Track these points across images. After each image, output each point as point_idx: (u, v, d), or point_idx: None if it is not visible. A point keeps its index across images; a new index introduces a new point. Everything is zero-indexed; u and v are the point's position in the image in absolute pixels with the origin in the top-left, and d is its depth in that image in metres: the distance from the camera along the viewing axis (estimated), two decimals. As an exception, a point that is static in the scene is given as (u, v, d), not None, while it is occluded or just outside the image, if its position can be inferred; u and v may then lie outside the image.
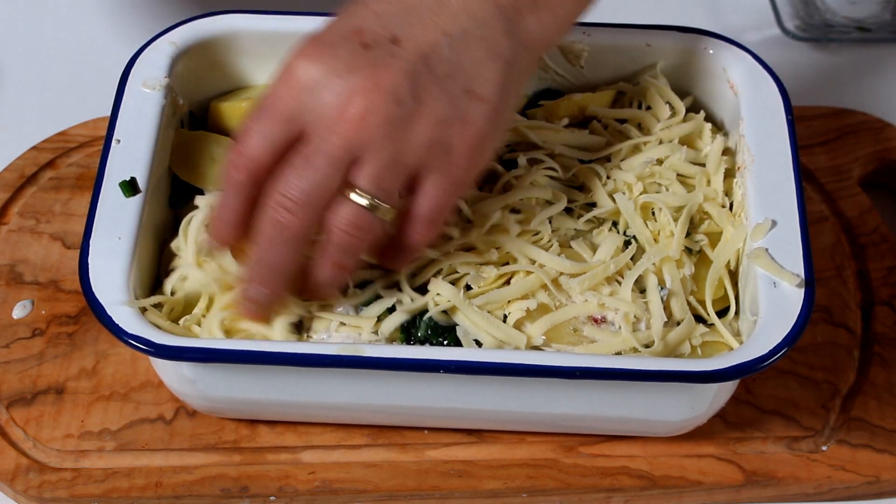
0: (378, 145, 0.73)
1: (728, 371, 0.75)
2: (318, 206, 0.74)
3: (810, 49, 1.15)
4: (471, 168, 0.76)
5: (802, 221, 0.81)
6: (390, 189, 0.74)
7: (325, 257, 0.76)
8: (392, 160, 0.73)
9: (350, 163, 0.73)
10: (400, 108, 0.72)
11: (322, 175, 0.73)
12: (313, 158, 0.73)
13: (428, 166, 0.75)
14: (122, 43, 0.99)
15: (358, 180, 0.74)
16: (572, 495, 0.85)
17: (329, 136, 0.73)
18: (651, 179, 0.87)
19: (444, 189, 0.75)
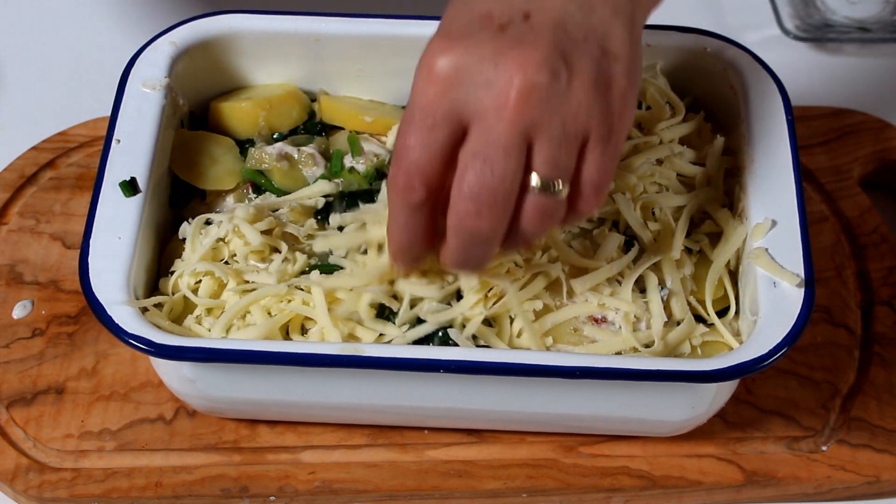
0: (547, 122, 0.69)
1: (728, 371, 0.75)
2: (506, 202, 0.71)
3: (810, 49, 1.15)
4: (625, 126, 0.74)
5: (802, 221, 0.81)
6: (567, 166, 0.71)
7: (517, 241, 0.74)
8: (563, 135, 0.70)
9: (526, 145, 0.70)
10: (557, 80, 0.69)
11: (502, 168, 0.70)
12: (490, 153, 0.70)
13: (591, 132, 0.72)
14: (122, 43, 0.99)
15: (537, 167, 0.71)
16: (572, 495, 0.85)
17: (498, 126, 0.69)
18: (651, 179, 0.87)
19: (608, 153, 0.73)
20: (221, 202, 0.89)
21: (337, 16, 0.92)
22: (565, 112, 0.70)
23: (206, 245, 0.83)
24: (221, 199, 0.89)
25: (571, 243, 0.83)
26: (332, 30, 0.92)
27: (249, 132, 0.92)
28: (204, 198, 0.89)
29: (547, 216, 0.72)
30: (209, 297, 0.81)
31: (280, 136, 0.92)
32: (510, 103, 0.69)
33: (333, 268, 0.83)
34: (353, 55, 0.92)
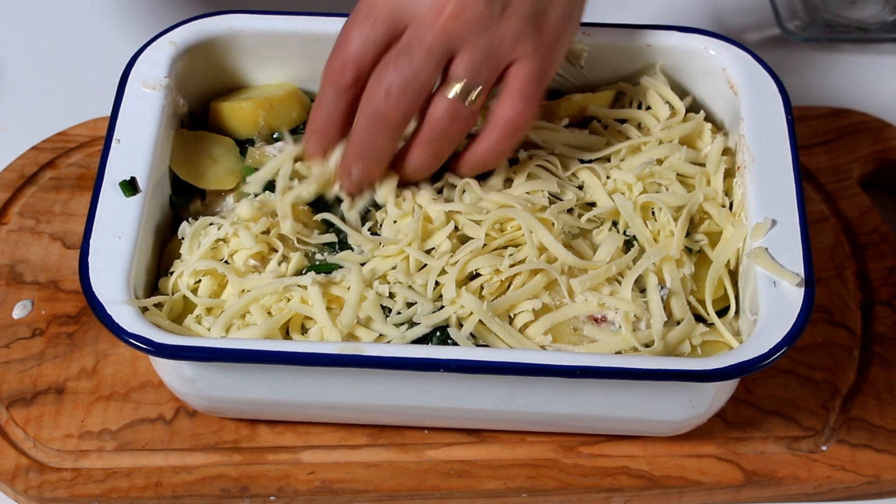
0: (473, 38, 0.78)
1: (728, 370, 0.75)
2: (416, 95, 0.79)
3: (810, 49, 1.15)
4: (556, 57, 0.82)
5: (802, 221, 0.81)
6: (487, 77, 0.80)
7: (422, 145, 0.82)
8: (487, 51, 0.79)
9: (447, 56, 0.79)
10: (492, 6, 0.78)
11: (420, 65, 0.78)
12: (413, 51, 0.78)
13: (518, 57, 0.80)
14: (122, 43, 0.99)
15: (457, 70, 0.79)
16: (572, 495, 0.85)
17: (427, 31, 0.78)
18: (651, 179, 0.87)
19: (535, 70, 0.80)
20: (221, 202, 0.89)
21: (337, 16, 0.92)
22: (493, 35, 0.79)
23: (205, 245, 0.83)
24: (221, 199, 0.89)
25: (571, 243, 0.83)
26: (332, 30, 0.91)
27: (249, 132, 0.92)
28: (204, 198, 0.89)
29: (454, 119, 0.80)
30: (209, 297, 0.81)
31: (280, 136, 0.92)
32: (443, 15, 0.78)
33: (332, 267, 0.82)
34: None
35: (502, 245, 0.83)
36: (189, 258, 0.83)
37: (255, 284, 0.81)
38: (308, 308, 0.80)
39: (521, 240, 0.82)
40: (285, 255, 0.83)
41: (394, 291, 0.81)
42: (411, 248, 0.81)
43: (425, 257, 0.81)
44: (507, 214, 0.82)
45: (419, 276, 0.81)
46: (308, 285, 0.80)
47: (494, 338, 0.79)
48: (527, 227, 0.82)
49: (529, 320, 0.80)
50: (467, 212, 0.83)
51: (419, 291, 0.81)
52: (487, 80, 0.80)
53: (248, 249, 0.82)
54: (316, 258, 0.84)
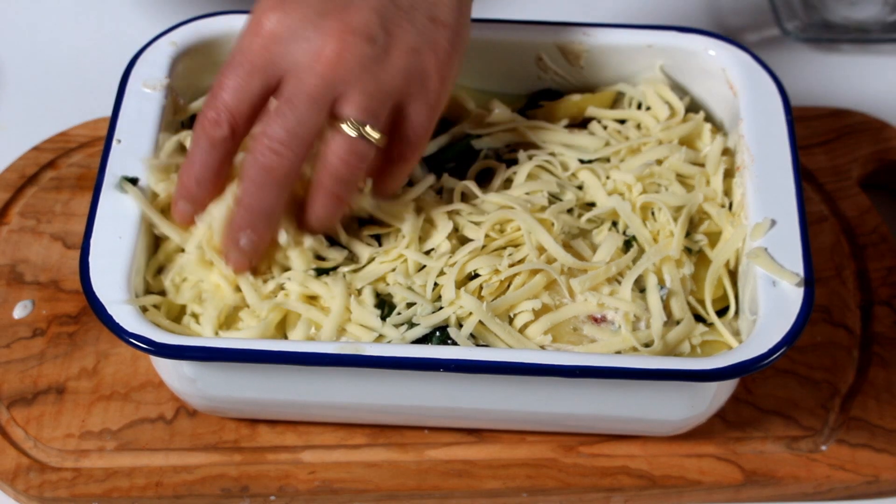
0: (357, 80, 0.76)
1: (727, 370, 0.75)
2: (303, 144, 0.76)
3: (810, 49, 1.15)
4: (444, 90, 0.80)
5: (802, 221, 0.81)
6: (378, 114, 0.77)
7: (322, 190, 0.79)
8: (374, 90, 0.77)
9: (332, 100, 0.76)
10: (374, 45, 0.76)
11: (305, 113, 0.75)
12: (294, 100, 0.75)
13: (407, 94, 0.78)
14: (123, 43, 0.99)
15: (345, 110, 0.76)
16: (572, 495, 0.86)
17: (307, 78, 0.75)
18: (651, 180, 0.87)
19: (424, 113, 0.79)
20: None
21: (337, 16, 0.92)
22: (380, 73, 0.76)
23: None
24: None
25: (571, 243, 0.83)
26: (333, 30, 0.92)
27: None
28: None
29: (352, 154, 0.77)
30: (193, 296, 0.81)
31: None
32: (321, 61, 0.75)
33: (329, 268, 0.83)
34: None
35: (502, 246, 0.83)
36: (176, 258, 0.83)
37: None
38: (294, 304, 0.80)
39: (520, 240, 0.83)
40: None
41: (392, 292, 0.81)
42: (409, 250, 0.81)
43: (424, 258, 0.81)
44: (506, 215, 0.83)
45: (418, 277, 0.81)
46: (288, 283, 0.80)
47: (494, 338, 0.79)
48: (526, 228, 0.82)
49: (529, 320, 0.80)
50: (467, 213, 0.83)
51: (418, 292, 0.81)
52: (380, 117, 0.77)
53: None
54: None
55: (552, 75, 0.94)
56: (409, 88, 0.78)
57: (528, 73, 0.94)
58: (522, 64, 0.93)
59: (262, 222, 0.78)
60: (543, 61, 0.93)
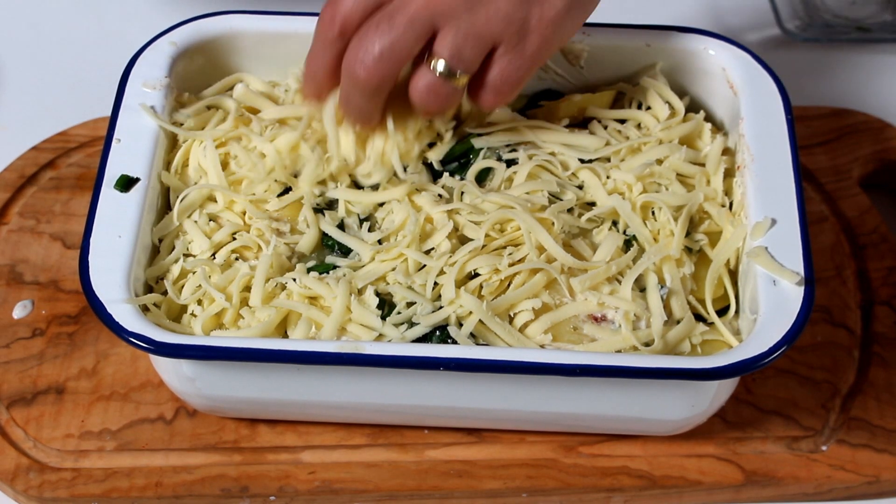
0: (458, 15, 0.77)
1: (728, 369, 0.75)
2: (394, 63, 0.79)
3: (810, 49, 1.15)
4: (544, 47, 0.80)
5: (802, 220, 0.81)
6: (469, 59, 0.79)
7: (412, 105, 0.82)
8: (470, 31, 0.78)
9: (430, 28, 0.78)
10: None
11: (400, 35, 0.78)
12: (395, 18, 0.78)
13: (504, 41, 0.79)
14: (122, 43, 0.99)
15: (438, 48, 0.78)
16: (572, 495, 0.86)
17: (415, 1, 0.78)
18: (651, 179, 0.87)
19: (516, 62, 0.80)
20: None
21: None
22: (481, 13, 0.77)
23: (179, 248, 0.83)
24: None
25: (571, 242, 0.83)
26: (332, 30, 0.92)
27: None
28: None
29: (436, 95, 0.80)
30: (193, 296, 0.81)
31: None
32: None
33: (328, 267, 0.83)
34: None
35: (502, 245, 0.83)
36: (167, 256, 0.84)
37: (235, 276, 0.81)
38: (293, 304, 0.80)
39: (520, 239, 0.82)
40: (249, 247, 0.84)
41: (392, 292, 0.81)
42: (409, 249, 0.81)
43: (423, 258, 0.81)
44: (506, 215, 0.82)
45: (418, 277, 0.81)
46: (289, 282, 0.80)
47: (494, 337, 0.79)
48: (526, 228, 0.82)
49: (529, 319, 0.80)
50: (467, 213, 0.83)
51: (419, 292, 0.81)
52: (470, 62, 0.79)
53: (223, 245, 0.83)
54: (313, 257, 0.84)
55: (552, 75, 0.94)
56: (506, 36, 0.79)
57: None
58: (522, 64, 0.93)
59: (356, 115, 0.83)
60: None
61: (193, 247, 0.84)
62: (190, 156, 0.88)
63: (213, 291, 0.80)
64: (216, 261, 0.83)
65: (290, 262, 0.83)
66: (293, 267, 0.83)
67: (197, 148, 0.87)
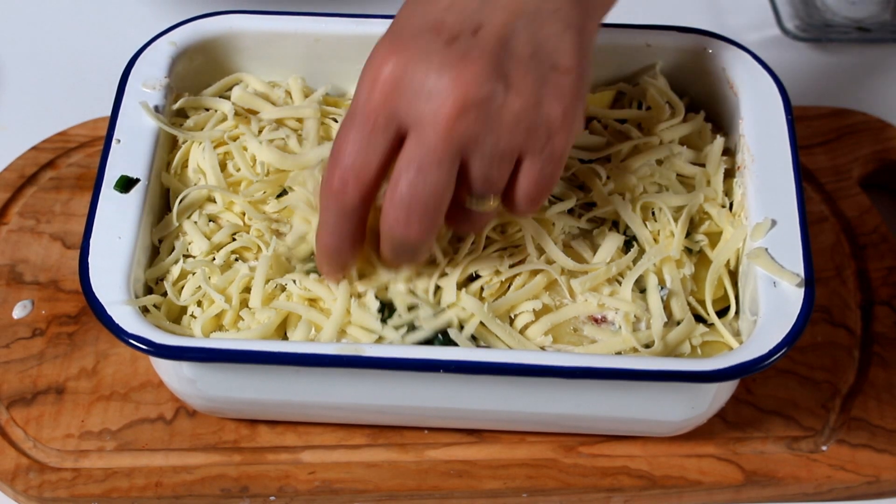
0: (481, 138, 0.71)
1: (728, 371, 0.75)
2: (436, 213, 0.73)
3: (810, 49, 1.15)
4: (569, 139, 0.75)
5: (802, 221, 0.81)
6: (498, 181, 0.74)
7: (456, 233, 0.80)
8: (495, 152, 0.72)
9: (459, 159, 0.72)
10: (493, 97, 0.71)
11: (434, 179, 0.71)
12: (423, 163, 0.71)
13: (530, 148, 0.73)
14: (122, 43, 0.99)
15: (471, 182, 0.73)
16: (572, 495, 0.86)
17: (434, 137, 0.71)
18: (651, 180, 0.87)
19: (546, 168, 0.74)
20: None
21: (337, 16, 0.92)
22: (499, 129, 0.71)
23: (178, 249, 0.83)
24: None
25: (571, 243, 0.83)
26: (332, 30, 0.92)
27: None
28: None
29: (474, 224, 0.76)
30: (193, 297, 0.81)
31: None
32: (445, 116, 0.70)
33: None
34: (353, 55, 0.92)
35: (502, 247, 0.83)
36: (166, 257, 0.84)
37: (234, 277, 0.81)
38: (293, 305, 0.80)
39: (521, 241, 0.82)
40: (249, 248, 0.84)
41: (393, 296, 0.81)
42: None
43: (424, 266, 0.81)
44: (507, 217, 0.82)
45: (419, 281, 0.81)
46: (289, 283, 0.80)
47: (495, 339, 0.79)
48: (526, 230, 0.82)
49: (530, 321, 0.80)
50: None
51: (420, 296, 0.80)
52: (500, 182, 0.74)
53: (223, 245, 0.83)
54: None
55: (552, 75, 0.94)
56: (532, 144, 0.73)
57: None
58: (522, 64, 0.93)
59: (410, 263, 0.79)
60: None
61: (193, 248, 0.84)
62: (189, 157, 0.88)
63: (212, 293, 0.80)
64: (216, 262, 0.83)
65: (289, 263, 0.83)
66: (293, 268, 0.83)
67: (196, 149, 0.87)
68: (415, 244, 0.74)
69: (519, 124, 0.72)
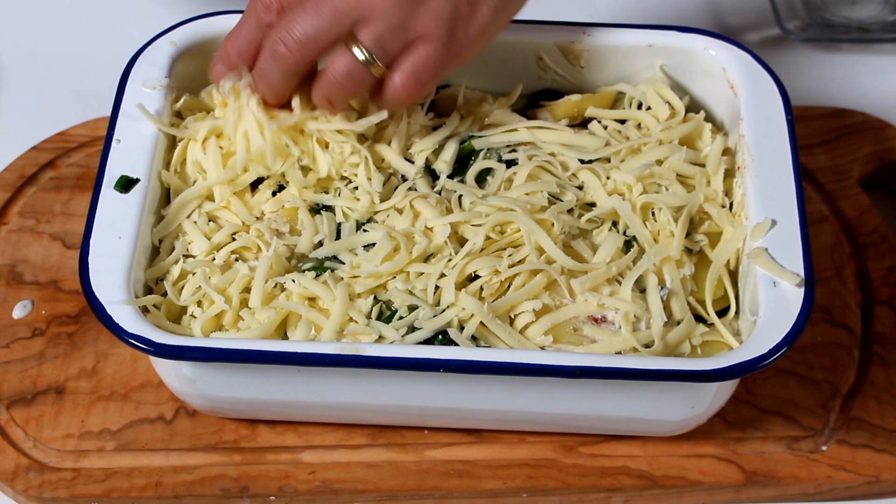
0: (386, 11, 0.79)
1: (728, 370, 0.75)
2: (313, 49, 0.81)
3: (810, 49, 1.15)
4: (470, 45, 0.83)
5: (802, 221, 0.81)
6: (389, 50, 0.81)
7: (318, 88, 0.84)
8: (397, 26, 0.80)
9: (356, 19, 0.80)
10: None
11: (323, 23, 0.80)
12: (322, 6, 0.80)
13: (429, 36, 0.81)
14: (122, 43, 0.99)
15: (360, 34, 0.80)
16: (572, 495, 0.86)
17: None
18: (651, 180, 0.87)
19: (438, 55, 0.81)
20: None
21: (337, 16, 0.92)
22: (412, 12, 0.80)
23: (178, 248, 0.83)
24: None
25: (571, 243, 0.83)
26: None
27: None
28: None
29: (351, 79, 0.82)
30: (193, 297, 0.81)
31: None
32: None
33: (326, 268, 0.82)
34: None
35: (502, 247, 0.83)
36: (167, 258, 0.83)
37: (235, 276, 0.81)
38: (293, 304, 0.80)
39: (521, 241, 0.82)
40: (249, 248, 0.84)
41: (392, 297, 0.81)
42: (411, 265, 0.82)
43: (424, 266, 0.81)
44: (506, 218, 0.82)
45: (419, 282, 0.81)
46: (288, 283, 0.81)
47: (495, 339, 0.79)
48: (525, 230, 0.82)
49: (530, 321, 0.80)
50: (466, 219, 0.83)
51: (419, 297, 0.80)
52: (391, 53, 0.81)
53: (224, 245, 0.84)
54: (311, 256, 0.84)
55: (552, 75, 0.94)
56: (433, 32, 0.81)
57: (529, 73, 0.94)
58: (523, 64, 0.93)
59: (268, 89, 0.84)
60: (544, 61, 0.93)
61: (193, 248, 0.84)
62: (187, 153, 0.88)
63: (212, 293, 0.80)
64: (216, 262, 0.83)
65: (289, 262, 0.83)
66: (293, 268, 0.83)
67: (194, 144, 0.87)
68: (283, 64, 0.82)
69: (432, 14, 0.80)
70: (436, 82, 0.84)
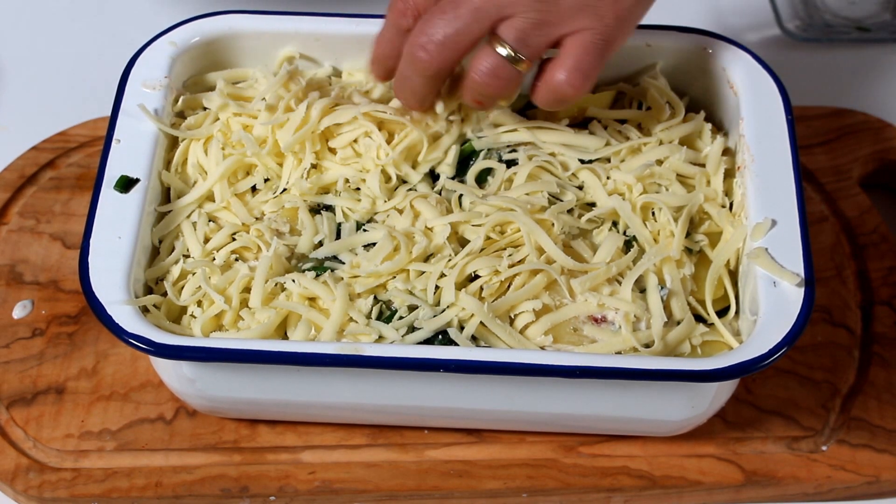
0: (527, 7, 0.78)
1: (728, 370, 0.75)
2: (453, 52, 0.80)
3: (810, 49, 1.15)
4: (622, 27, 0.80)
5: (802, 221, 0.81)
6: (534, 44, 0.79)
7: (467, 90, 0.83)
8: (540, 20, 0.78)
9: (497, 17, 0.78)
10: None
11: (463, 24, 0.79)
12: (460, 7, 0.79)
13: (579, 27, 0.79)
14: (122, 43, 0.99)
15: (503, 32, 0.79)
16: (572, 495, 0.86)
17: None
18: (651, 180, 0.87)
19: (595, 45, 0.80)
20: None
21: (337, 16, 0.92)
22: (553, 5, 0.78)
23: (178, 248, 0.83)
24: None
25: (571, 243, 0.83)
26: (332, 30, 0.92)
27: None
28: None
29: (497, 78, 0.80)
30: (193, 297, 0.82)
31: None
32: None
33: (325, 268, 0.82)
34: (353, 55, 0.92)
35: (502, 247, 0.83)
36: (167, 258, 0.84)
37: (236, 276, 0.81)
38: (294, 304, 0.80)
39: (521, 241, 0.82)
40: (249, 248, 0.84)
41: (393, 297, 0.81)
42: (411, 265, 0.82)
43: (424, 266, 0.81)
44: (506, 218, 0.82)
45: (419, 282, 0.81)
46: (288, 283, 0.80)
47: (496, 339, 0.79)
48: (525, 230, 0.82)
49: (530, 321, 0.80)
50: (466, 219, 0.83)
51: (419, 297, 0.80)
52: (536, 49, 0.80)
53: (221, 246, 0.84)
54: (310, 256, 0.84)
55: (552, 75, 0.94)
56: (580, 24, 0.79)
57: (529, 72, 0.94)
58: (522, 64, 0.93)
59: (410, 95, 0.84)
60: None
61: (193, 248, 0.84)
62: (188, 153, 0.88)
63: (212, 293, 0.80)
64: (216, 262, 0.83)
65: (289, 262, 0.83)
66: (293, 268, 0.83)
67: (195, 145, 0.87)
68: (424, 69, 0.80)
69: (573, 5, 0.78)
70: (599, 72, 0.81)
